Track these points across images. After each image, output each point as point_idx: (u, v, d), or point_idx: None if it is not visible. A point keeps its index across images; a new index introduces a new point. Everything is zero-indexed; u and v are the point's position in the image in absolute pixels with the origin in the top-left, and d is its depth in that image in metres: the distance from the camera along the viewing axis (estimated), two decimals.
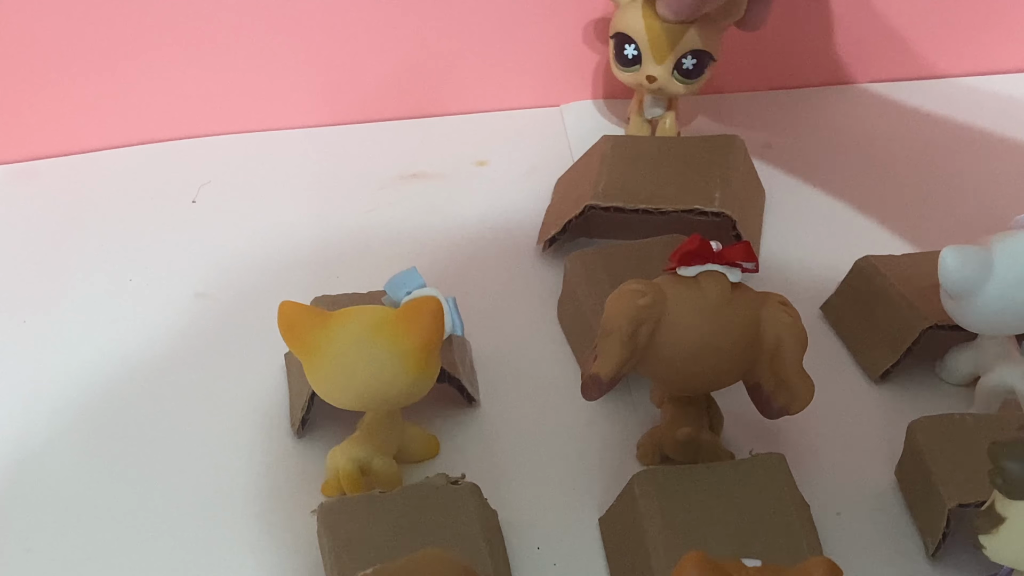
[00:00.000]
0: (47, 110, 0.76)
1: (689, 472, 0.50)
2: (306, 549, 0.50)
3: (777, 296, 0.50)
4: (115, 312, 0.64)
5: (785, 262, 0.66)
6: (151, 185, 0.74)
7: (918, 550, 0.50)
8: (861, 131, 0.77)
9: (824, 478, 0.53)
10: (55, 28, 0.74)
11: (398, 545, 0.47)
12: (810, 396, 0.50)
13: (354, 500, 0.49)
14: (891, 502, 0.52)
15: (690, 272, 0.49)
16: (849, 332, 0.61)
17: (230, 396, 0.58)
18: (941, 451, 0.50)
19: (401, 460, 0.53)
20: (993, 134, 0.77)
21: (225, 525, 0.52)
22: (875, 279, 0.60)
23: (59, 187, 0.74)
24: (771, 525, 0.47)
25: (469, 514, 0.49)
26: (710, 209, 0.63)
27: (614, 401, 0.57)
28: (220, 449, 0.56)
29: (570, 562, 0.50)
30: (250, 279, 0.66)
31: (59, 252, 0.69)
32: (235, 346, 0.61)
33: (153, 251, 0.68)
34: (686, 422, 0.52)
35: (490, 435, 0.56)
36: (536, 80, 0.79)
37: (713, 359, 0.49)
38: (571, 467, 0.54)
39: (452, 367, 0.55)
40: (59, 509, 0.53)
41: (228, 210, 0.72)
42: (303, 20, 0.76)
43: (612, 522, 0.51)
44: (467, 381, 0.56)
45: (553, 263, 0.65)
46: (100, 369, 0.60)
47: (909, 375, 0.58)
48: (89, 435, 0.57)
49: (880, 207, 0.70)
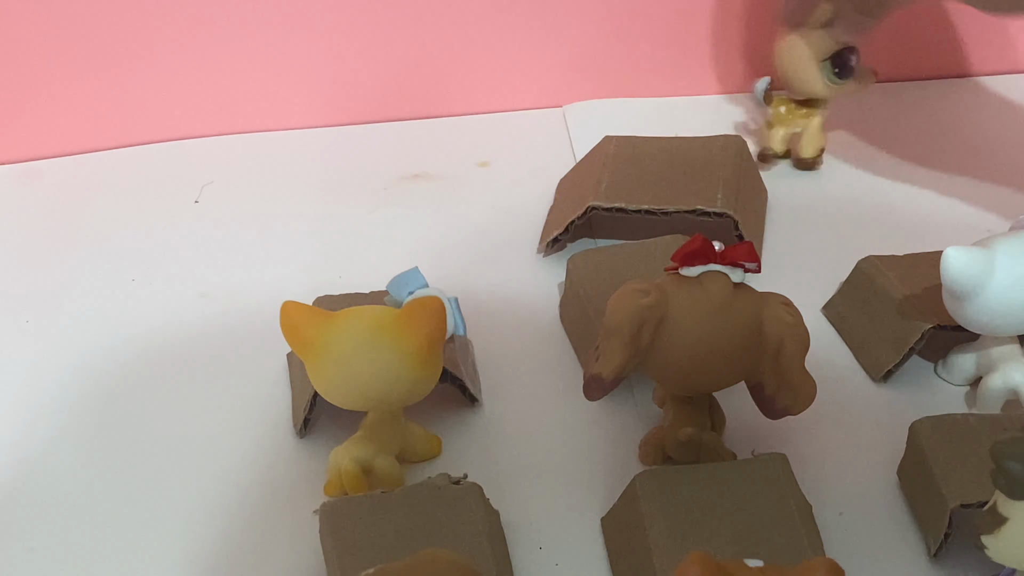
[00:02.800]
0: (50, 110, 0.76)
1: (691, 472, 0.50)
2: (308, 549, 0.50)
3: (779, 296, 0.50)
4: (117, 312, 0.64)
5: (787, 262, 0.66)
6: (154, 185, 0.74)
7: (920, 550, 0.50)
8: (862, 130, 0.77)
9: (826, 478, 0.53)
10: (58, 29, 0.74)
11: (400, 545, 0.47)
12: (812, 396, 0.50)
13: (356, 500, 0.49)
14: (893, 502, 0.52)
15: (692, 272, 0.49)
16: (851, 332, 0.61)
17: (232, 396, 0.58)
18: (943, 451, 0.50)
19: (403, 460, 0.53)
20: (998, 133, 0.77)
21: (227, 525, 0.52)
22: (877, 279, 0.60)
23: (62, 187, 0.74)
24: (773, 525, 0.47)
25: (471, 514, 0.49)
26: (712, 209, 0.63)
27: (616, 401, 0.57)
28: (222, 449, 0.56)
29: (572, 562, 0.50)
30: (252, 279, 0.66)
31: (62, 252, 0.69)
32: (237, 346, 0.61)
33: (155, 251, 0.68)
34: (688, 422, 0.52)
35: (492, 435, 0.56)
36: (538, 81, 0.79)
37: (715, 359, 0.49)
38: (573, 467, 0.54)
39: (454, 367, 0.55)
40: (61, 508, 0.53)
41: (231, 210, 0.72)
42: (307, 21, 0.76)
43: (614, 522, 0.51)
44: (469, 381, 0.56)
45: (555, 264, 0.65)
46: (102, 368, 0.60)
47: (911, 375, 0.58)
48: (91, 434, 0.57)
49: (883, 206, 0.70)
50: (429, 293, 0.53)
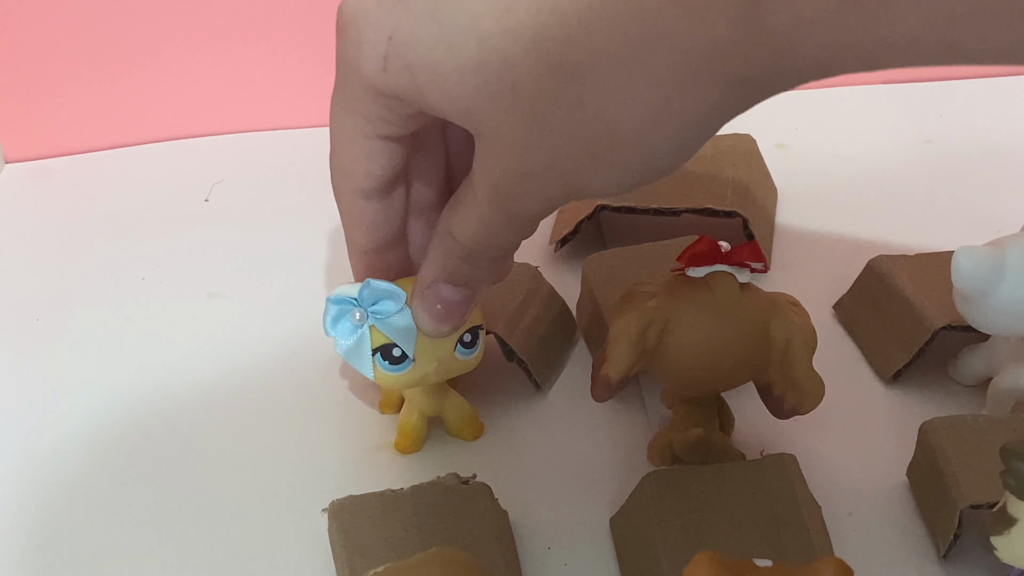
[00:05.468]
0: (61, 109, 0.76)
1: (700, 473, 0.50)
2: (317, 547, 0.50)
3: (786, 296, 0.50)
4: (127, 310, 0.64)
5: (798, 261, 0.66)
6: (164, 184, 0.74)
7: (929, 551, 0.50)
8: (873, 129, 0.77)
9: (835, 479, 0.53)
10: (69, 28, 0.74)
11: (409, 544, 0.47)
12: (820, 396, 0.50)
13: (365, 499, 0.49)
14: (903, 503, 0.52)
15: (699, 273, 0.49)
16: (861, 332, 0.61)
17: (241, 395, 0.58)
18: (953, 452, 0.49)
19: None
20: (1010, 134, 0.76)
21: (235, 522, 0.52)
22: (888, 279, 0.59)
23: (72, 185, 0.75)
24: (782, 525, 0.47)
25: (480, 514, 0.49)
26: (722, 208, 0.63)
27: (624, 402, 0.57)
28: (229, 446, 0.56)
29: (581, 562, 0.50)
30: (263, 278, 0.66)
31: (72, 250, 0.69)
32: (247, 345, 0.61)
33: (165, 250, 0.68)
34: (697, 423, 0.51)
35: (501, 435, 0.56)
36: None
37: (722, 360, 0.49)
38: (582, 468, 0.54)
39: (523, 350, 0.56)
40: (70, 505, 0.53)
41: (241, 209, 0.72)
42: (317, 19, 0.76)
43: (623, 523, 0.51)
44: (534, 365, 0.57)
45: (568, 265, 0.65)
46: (111, 366, 0.60)
47: (921, 375, 0.58)
48: (100, 432, 0.57)
49: (893, 206, 0.70)
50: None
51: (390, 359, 0.49)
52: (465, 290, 0.48)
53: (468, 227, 0.45)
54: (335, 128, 0.47)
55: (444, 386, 0.55)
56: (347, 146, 0.47)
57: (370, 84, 0.43)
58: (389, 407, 0.57)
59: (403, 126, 0.45)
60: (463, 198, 0.45)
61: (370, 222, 0.48)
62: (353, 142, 0.46)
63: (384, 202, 0.48)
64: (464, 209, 0.45)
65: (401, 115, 0.44)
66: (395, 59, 0.42)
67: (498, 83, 0.39)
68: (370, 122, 0.45)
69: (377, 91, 0.43)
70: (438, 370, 0.51)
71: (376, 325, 0.49)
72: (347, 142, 0.46)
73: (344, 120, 0.46)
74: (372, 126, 0.45)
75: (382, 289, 0.49)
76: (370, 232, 0.49)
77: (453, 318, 0.49)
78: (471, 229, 0.45)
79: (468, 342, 0.51)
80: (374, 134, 0.45)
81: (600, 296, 0.59)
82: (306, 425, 0.57)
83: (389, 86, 0.43)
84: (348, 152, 0.47)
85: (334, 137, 0.47)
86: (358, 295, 0.49)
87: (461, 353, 0.51)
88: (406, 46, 0.41)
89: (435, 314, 0.49)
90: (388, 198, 0.48)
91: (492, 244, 0.46)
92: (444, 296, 0.48)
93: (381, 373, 0.50)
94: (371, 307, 0.49)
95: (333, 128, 0.47)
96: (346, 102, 0.45)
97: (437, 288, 0.48)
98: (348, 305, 0.49)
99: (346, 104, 0.45)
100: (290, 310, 0.63)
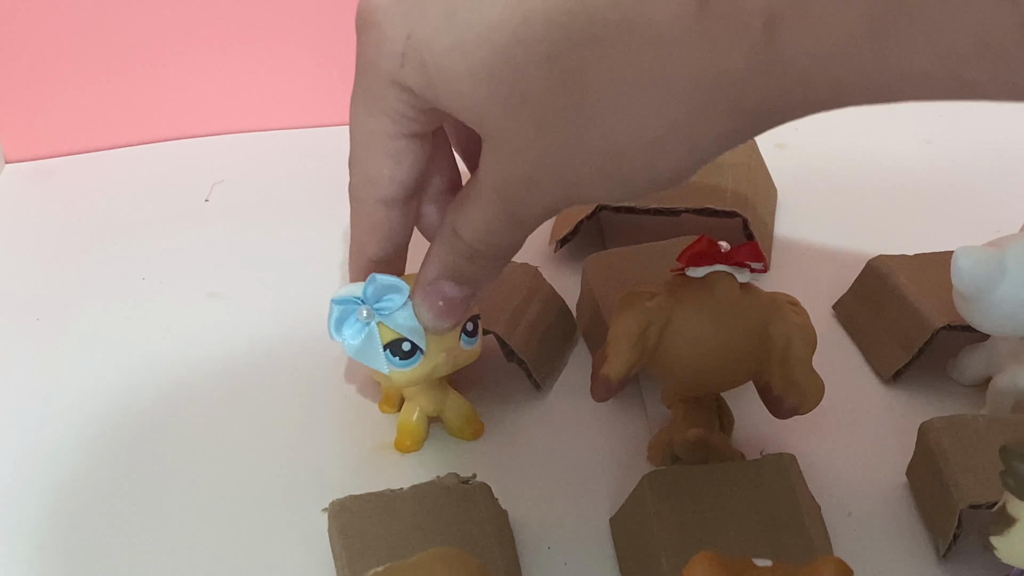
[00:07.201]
0: (62, 109, 0.76)
1: (699, 472, 0.50)
2: (317, 547, 0.50)
3: (786, 296, 0.50)
4: (127, 310, 0.64)
5: (798, 261, 0.66)
6: (164, 184, 0.74)
7: (929, 551, 0.50)
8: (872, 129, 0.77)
9: (835, 478, 0.53)
10: (70, 27, 0.74)
11: (409, 544, 0.47)
12: (820, 396, 0.50)
13: (365, 498, 0.49)
14: (902, 503, 0.52)
15: (698, 273, 0.49)
16: (861, 332, 0.61)
17: (241, 395, 0.59)
18: (953, 452, 0.49)
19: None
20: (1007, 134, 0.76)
21: (235, 521, 0.52)
22: (888, 279, 0.59)
23: (73, 185, 0.75)
24: (781, 525, 0.47)
25: (480, 513, 0.49)
26: (722, 208, 0.63)
27: (624, 402, 0.57)
28: (229, 446, 0.56)
29: (580, 562, 0.50)
30: (263, 278, 0.66)
31: (73, 249, 0.69)
32: (247, 345, 0.61)
33: (166, 250, 0.68)
34: (696, 423, 0.52)
35: (501, 435, 0.56)
36: None
37: (722, 360, 0.49)
38: (582, 467, 0.54)
39: (523, 349, 0.56)
40: (70, 505, 0.53)
41: (241, 209, 0.72)
42: (318, 19, 0.76)
43: (623, 522, 0.51)
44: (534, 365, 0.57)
45: (568, 265, 0.65)
46: (112, 366, 0.60)
47: (921, 375, 0.58)
48: (100, 431, 0.57)
49: (893, 206, 0.70)
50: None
51: (400, 354, 0.50)
52: (467, 288, 0.48)
53: (473, 226, 0.45)
54: (357, 132, 0.47)
55: (444, 386, 0.55)
56: (371, 149, 0.46)
57: (392, 80, 0.43)
58: (389, 407, 0.57)
59: (426, 122, 0.45)
60: (468, 198, 0.45)
61: (387, 232, 0.49)
62: (377, 144, 0.46)
63: (403, 210, 0.48)
64: (469, 208, 0.45)
65: (423, 110, 0.44)
66: (412, 56, 0.42)
67: (509, 93, 0.39)
68: (395, 121, 0.45)
69: (400, 86, 0.43)
70: (447, 360, 0.51)
71: (384, 321, 0.49)
72: (371, 145, 0.46)
73: (366, 121, 0.46)
74: (397, 125, 0.45)
75: (387, 284, 0.49)
76: (384, 241, 0.49)
77: (454, 314, 0.49)
78: (476, 228, 0.45)
79: (471, 331, 0.51)
80: (399, 133, 0.45)
81: (600, 296, 0.59)
82: (306, 425, 0.57)
83: (405, 81, 0.43)
84: (372, 156, 0.47)
85: (356, 142, 0.47)
86: (363, 292, 0.49)
87: (465, 342, 0.51)
88: (423, 46, 0.41)
89: (437, 310, 0.49)
90: (407, 206, 0.49)
91: (496, 244, 0.46)
92: (446, 293, 0.48)
93: (393, 369, 0.50)
94: (376, 304, 0.49)
95: (354, 132, 0.47)
96: (368, 103, 0.45)
97: (439, 284, 0.48)
98: (353, 304, 0.49)
99: (368, 105, 0.45)
100: (290, 310, 0.63)
